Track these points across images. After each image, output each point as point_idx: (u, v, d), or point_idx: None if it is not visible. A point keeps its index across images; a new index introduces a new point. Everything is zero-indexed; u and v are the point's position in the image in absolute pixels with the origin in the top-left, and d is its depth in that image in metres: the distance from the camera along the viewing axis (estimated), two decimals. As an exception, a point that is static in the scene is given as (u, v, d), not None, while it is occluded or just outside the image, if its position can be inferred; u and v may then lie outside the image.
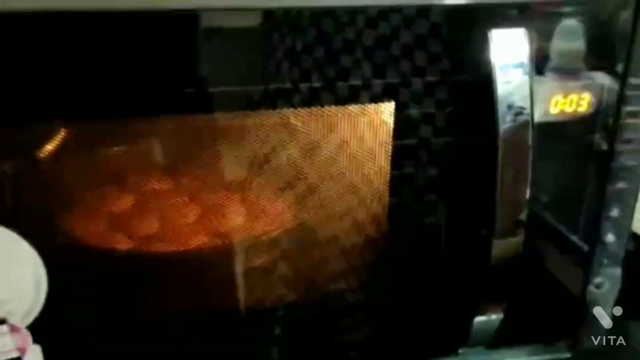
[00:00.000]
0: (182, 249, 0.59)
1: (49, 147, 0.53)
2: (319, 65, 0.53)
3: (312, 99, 0.54)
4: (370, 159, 0.58)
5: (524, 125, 0.54)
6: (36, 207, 0.54)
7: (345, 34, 0.53)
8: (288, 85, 0.53)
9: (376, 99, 0.55)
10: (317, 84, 0.54)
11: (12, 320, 0.54)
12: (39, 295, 0.53)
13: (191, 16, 0.49)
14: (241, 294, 0.62)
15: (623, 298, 0.67)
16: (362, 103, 0.55)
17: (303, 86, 0.54)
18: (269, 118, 0.55)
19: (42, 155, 0.53)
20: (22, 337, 0.54)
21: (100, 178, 0.56)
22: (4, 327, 0.54)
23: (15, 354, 0.55)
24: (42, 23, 0.47)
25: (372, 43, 0.53)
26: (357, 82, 0.54)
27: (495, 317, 0.64)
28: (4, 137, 0.50)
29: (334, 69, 0.53)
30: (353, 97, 0.55)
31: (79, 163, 0.55)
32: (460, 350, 0.66)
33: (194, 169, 0.57)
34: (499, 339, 0.66)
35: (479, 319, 0.64)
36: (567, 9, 0.56)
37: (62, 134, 0.53)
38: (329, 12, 0.52)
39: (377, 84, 0.55)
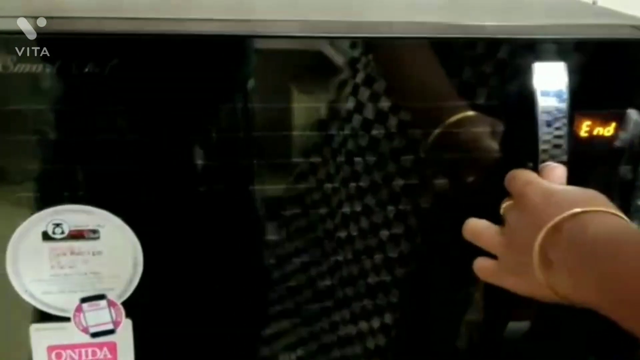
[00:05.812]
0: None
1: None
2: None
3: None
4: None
5: (561, 144, 0.62)
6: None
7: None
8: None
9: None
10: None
11: (111, 296, 0.60)
12: (135, 274, 0.59)
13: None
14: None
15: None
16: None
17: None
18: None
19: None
20: (118, 312, 0.61)
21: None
22: (104, 302, 0.60)
23: (110, 327, 0.61)
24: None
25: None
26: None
27: (524, 324, 0.71)
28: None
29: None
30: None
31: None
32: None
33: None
34: (530, 351, 0.72)
35: (512, 324, 0.71)
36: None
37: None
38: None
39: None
